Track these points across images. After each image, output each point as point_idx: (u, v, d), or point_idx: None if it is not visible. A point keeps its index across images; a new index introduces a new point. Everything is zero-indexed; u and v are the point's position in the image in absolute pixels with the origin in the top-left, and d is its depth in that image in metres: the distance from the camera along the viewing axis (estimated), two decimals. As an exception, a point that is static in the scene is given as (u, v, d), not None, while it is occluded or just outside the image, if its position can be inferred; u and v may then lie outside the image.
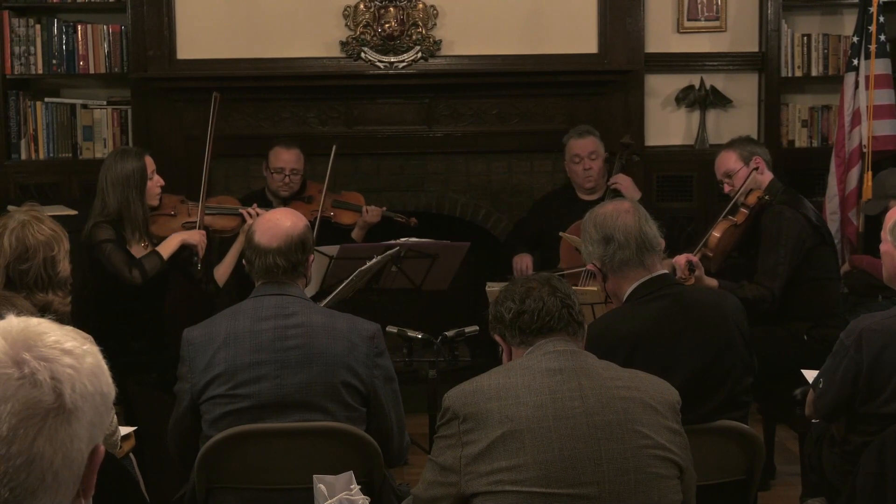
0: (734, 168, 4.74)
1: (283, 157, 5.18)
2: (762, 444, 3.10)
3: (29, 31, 5.79)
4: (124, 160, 4.50)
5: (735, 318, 3.15)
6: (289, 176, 5.17)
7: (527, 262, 5.31)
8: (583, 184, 5.41)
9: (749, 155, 4.74)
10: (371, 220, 5.18)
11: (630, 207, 3.21)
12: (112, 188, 4.46)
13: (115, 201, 4.46)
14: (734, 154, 4.77)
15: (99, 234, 4.40)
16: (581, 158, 5.37)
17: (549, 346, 2.47)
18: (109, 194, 4.46)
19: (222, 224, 4.82)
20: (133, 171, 4.47)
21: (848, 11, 6.06)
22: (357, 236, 5.21)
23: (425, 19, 5.81)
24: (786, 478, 4.62)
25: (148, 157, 4.57)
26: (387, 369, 3.15)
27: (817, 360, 3.49)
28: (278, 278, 3.14)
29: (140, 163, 4.49)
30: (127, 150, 4.73)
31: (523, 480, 2.29)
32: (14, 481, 1.23)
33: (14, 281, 3.31)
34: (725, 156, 4.80)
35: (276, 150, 5.22)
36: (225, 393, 3.03)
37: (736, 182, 4.72)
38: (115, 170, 4.47)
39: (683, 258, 4.21)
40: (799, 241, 4.51)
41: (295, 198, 5.20)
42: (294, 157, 5.19)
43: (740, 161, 4.73)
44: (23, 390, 1.24)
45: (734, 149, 4.79)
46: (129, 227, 4.46)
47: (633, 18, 5.88)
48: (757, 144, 4.91)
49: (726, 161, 4.78)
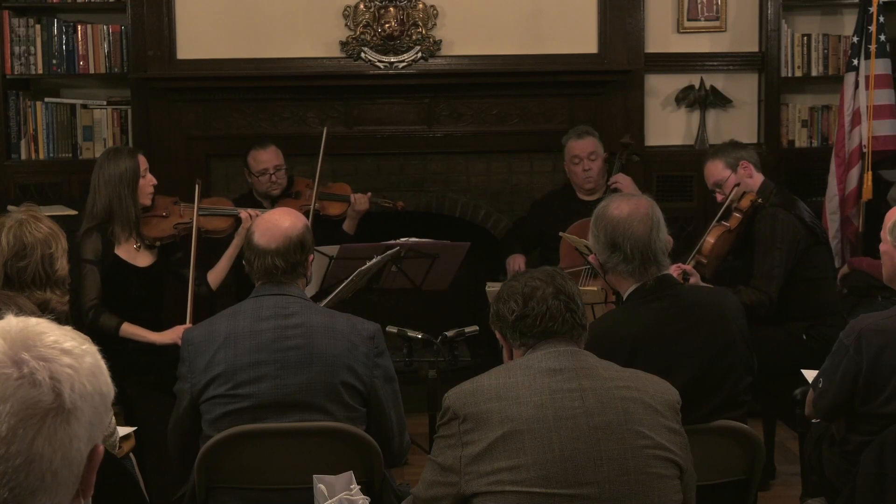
0: (722, 177, 4.73)
1: (263, 158, 5.18)
2: (762, 444, 3.09)
3: (29, 30, 5.79)
4: (117, 159, 4.48)
5: (735, 317, 3.15)
6: (273, 174, 5.17)
7: (520, 263, 5.30)
8: (582, 185, 5.41)
9: (735, 161, 4.72)
10: (361, 209, 5.18)
11: (645, 214, 3.09)
12: (105, 186, 4.44)
13: (105, 200, 4.43)
14: (720, 163, 4.75)
15: (85, 249, 4.35)
16: (580, 159, 5.37)
17: (550, 347, 2.46)
18: (101, 193, 4.44)
19: (215, 225, 4.78)
20: (126, 170, 4.44)
21: (848, 11, 6.06)
22: (349, 227, 5.21)
23: (425, 19, 5.81)
24: (786, 478, 4.61)
25: (141, 155, 4.54)
26: (387, 369, 3.15)
27: (816, 359, 3.49)
28: (278, 279, 3.14)
29: (133, 161, 4.47)
30: (120, 149, 4.70)
31: (523, 480, 2.29)
32: (13, 481, 1.23)
33: (12, 279, 3.31)
34: (712, 166, 4.78)
35: (253, 154, 5.21)
36: (225, 393, 3.02)
37: (727, 190, 4.71)
38: (107, 168, 4.46)
39: (676, 269, 4.18)
40: (793, 244, 4.51)
41: (283, 195, 5.20)
42: (273, 155, 5.19)
43: (727, 169, 4.72)
44: (22, 390, 1.24)
45: (719, 157, 4.76)
46: (120, 226, 4.43)
47: (633, 18, 5.89)
48: (742, 148, 4.86)
49: (713, 171, 4.77)
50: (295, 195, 5.21)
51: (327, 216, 5.17)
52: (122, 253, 4.44)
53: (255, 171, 5.18)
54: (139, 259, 4.49)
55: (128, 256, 4.45)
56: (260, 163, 5.18)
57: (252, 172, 5.21)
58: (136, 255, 4.47)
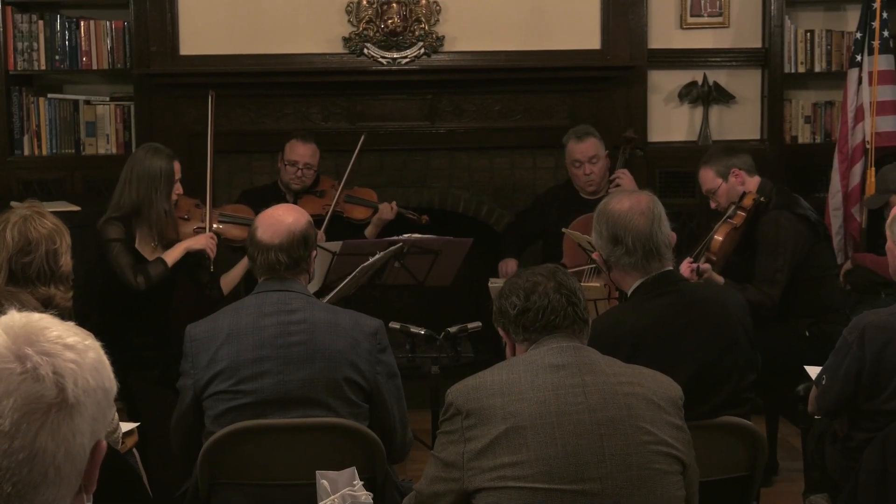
0: (713, 186, 4.72)
1: (299, 151, 5.17)
2: (765, 441, 3.09)
3: (32, 26, 5.79)
4: (156, 157, 4.44)
5: (738, 314, 3.15)
6: (302, 170, 5.16)
7: (512, 268, 5.26)
8: (584, 188, 5.34)
9: (726, 170, 4.69)
10: (387, 218, 5.18)
11: (646, 208, 3.10)
12: (137, 181, 4.41)
13: (134, 195, 4.40)
14: (711, 171, 4.72)
15: (108, 231, 4.37)
16: (581, 164, 5.27)
17: (553, 342, 2.47)
18: (131, 187, 4.41)
19: (234, 233, 4.76)
20: (161, 171, 4.41)
21: (851, 7, 6.05)
22: (370, 233, 5.20)
23: (428, 15, 5.80)
24: (788, 474, 4.61)
25: (178, 162, 4.52)
26: (389, 365, 3.15)
27: (819, 355, 3.49)
28: (280, 274, 3.14)
29: (170, 164, 4.44)
30: (160, 148, 4.58)
31: (526, 476, 2.29)
32: (16, 476, 1.23)
33: (16, 274, 3.31)
34: (703, 174, 4.76)
35: (292, 143, 5.19)
36: (228, 389, 3.03)
37: (720, 200, 4.71)
38: (143, 164, 4.42)
39: (687, 267, 4.17)
40: (796, 247, 4.53)
41: (307, 192, 5.20)
42: (310, 152, 5.17)
43: (718, 178, 4.70)
44: (25, 385, 1.24)
45: (710, 165, 4.74)
46: (145, 225, 4.42)
47: (635, 14, 5.88)
48: (733, 154, 4.78)
49: (705, 179, 4.75)
50: (319, 194, 5.20)
51: (350, 219, 5.17)
52: (140, 248, 4.45)
53: (287, 160, 5.17)
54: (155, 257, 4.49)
55: (145, 253, 4.46)
56: (294, 154, 5.17)
57: (283, 158, 5.20)
58: (153, 253, 4.47)
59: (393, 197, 5.46)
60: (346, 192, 5.17)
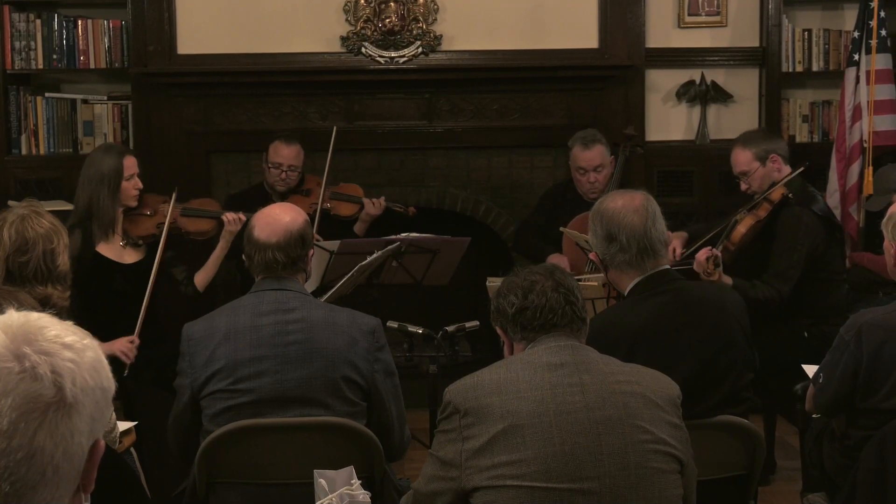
0: (750, 169, 4.67)
1: (283, 153, 5.17)
2: (763, 440, 3.09)
3: (29, 25, 5.78)
4: (103, 158, 4.47)
5: (736, 314, 3.15)
6: (286, 172, 5.16)
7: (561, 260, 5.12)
8: (587, 194, 5.27)
9: (766, 153, 4.66)
10: (374, 213, 5.18)
11: (640, 206, 3.12)
12: (87, 183, 4.44)
13: (86, 197, 4.43)
14: (750, 154, 4.68)
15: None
16: (586, 171, 5.22)
17: (551, 341, 2.47)
18: (84, 189, 4.45)
19: (198, 227, 4.76)
20: (109, 170, 4.42)
21: (848, 6, 6.05)
22: (359, 229, 5.21)
23: (426, 14, 5.80)
24: (786, 473, 4.62)
25: (130, 157, 4.51)
26: (387, 364, 3.15)
27: (818, 355, 3.49)
28: (278, 273, 3.14)
29: (118, 162, 4.44)
30: (110, 147, 4.66)
31: (524, 475, 2.29)
32: (15, 475, 1.23)
33: (14, 274, 3.31)
34: (742, 153, 4.72)
35: (275, 145, 5.20)
36: (225, 388, 3.03)
37: (753, 183, 4.67)
38: (94, 164, 4.46)
39: (704, 254, 4.16)
40: (813, 248, 4.52)
41: (293, 191, 5.20)
42: (293, 154, 5.17)
43: (756, 161, 4.67)
44: (23, 384, 1.24)
45: (750, 148, 4.70)
46: (97, 225, 4.44)
47: (633, 13, 5.88)
48: (773, 140, 4.81)
49: (742, 159, 4.71)
50: (305, 193, 5.20)
51: (338, 216, 5.17)
52: (106, 250, 4.44)
53: (271, 162, 5.18)
54: (125, 256, 4.50)
55: (113, 254, 4.46)
56: (278, 156, 5.17)
57: (267, 160, 5.20)
58: (123, 252, 4.49)
59: (390, 196, 5.46)
60: (330, 189, 5.16)
